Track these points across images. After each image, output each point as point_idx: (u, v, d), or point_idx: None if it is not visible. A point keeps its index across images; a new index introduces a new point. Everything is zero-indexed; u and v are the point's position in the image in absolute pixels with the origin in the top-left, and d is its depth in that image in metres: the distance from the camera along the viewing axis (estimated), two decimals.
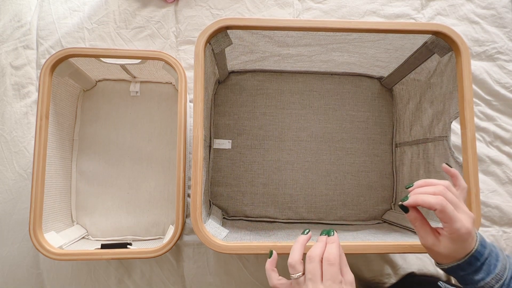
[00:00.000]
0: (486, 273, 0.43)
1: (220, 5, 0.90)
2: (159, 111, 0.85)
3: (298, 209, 0.83)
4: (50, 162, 0.69)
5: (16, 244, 0.80)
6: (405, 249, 0.57)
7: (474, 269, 0.43)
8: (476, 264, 0.43)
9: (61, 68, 0.69)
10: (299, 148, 0.85)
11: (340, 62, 0.79)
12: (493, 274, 0.42)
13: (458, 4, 0.92)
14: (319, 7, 0.91)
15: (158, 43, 0.89)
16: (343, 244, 0.56)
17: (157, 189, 0.83)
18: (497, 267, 0.43)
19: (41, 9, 0.88)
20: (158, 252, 0.64)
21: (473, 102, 0.88)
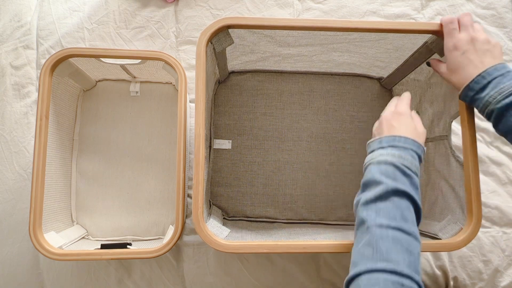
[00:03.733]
0: (491, 89, 0.49)
1: (220, 5, 0.90)
2: (159, 111, 0.85)
3: (298, 209, 0.83)
4: (50, 162, 0.69)
5: (16, 244, 0.80)
6: None
7: (481, 87, 0.49)
8: (483, 82, 0.49)
9: (61, 68, 0.69)
10: (299, 149, 0.85)
11: (340, 62, 0.79)
12: (497, 89, 0.48)
13: (458, 4, 0.92)
14: (319, 7, 0.91)
15: (158, 43, 0.89)
16: (344, 244, 0.56)
17: (157, 189, 0.83)
18: (504, 84, 0.48)
19: (41, 9, 0.88)
20: (158, 252, 0.64)
21: None
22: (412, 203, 0.45)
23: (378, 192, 0.45)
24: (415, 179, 0.47)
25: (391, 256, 0.40)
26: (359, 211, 0.46)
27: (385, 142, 0.51)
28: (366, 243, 0.42)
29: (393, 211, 0.44)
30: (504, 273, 0.82)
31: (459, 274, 0.81)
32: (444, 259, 0.81)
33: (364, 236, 0.43)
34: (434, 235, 0.61)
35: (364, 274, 0.39)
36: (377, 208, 0.44)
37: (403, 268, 0.39)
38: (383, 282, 0.38)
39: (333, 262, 0.81)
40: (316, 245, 0.56)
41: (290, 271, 0.81)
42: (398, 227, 0.42)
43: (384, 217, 0.43)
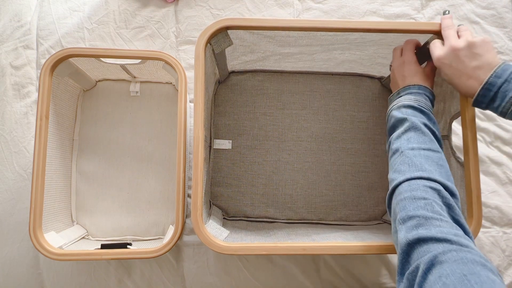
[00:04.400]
0: (501, 99, 0.48)
1: (220, 5, 0.90)
2: (159, 111, 0.85)
3: (298, 209, 0.83)
4: (50, 162, 0.69)
5: (16, 244, 0.80)
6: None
7: (489, 99, 0.49)
8: (490, 95, 0.49)
9: (61, 68, 0.69)
10: (299, 149, 0.85)
11: (341, 61, 0.79)
12: (508, 98, 0.47)
13: (458, 4, 0.92)
14: (319, 7, 0.91)
15: (158, 43, 0.88)
16: (343, 245, 0.55)
17: (157, 189, 0.83)
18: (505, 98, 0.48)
19: (41, 9, 0.88)
20: (158, 252, 0.64)
21: None
22: (432, 133, 0.51)
23: (406, 125, 0.52)
24: (431, 115, 0.54)
25: (425, 167, 0.46)
26: (392, 144, 0.53)
27: (402, 92, 0.57)
28: (401, 163, 0.48)
29: (421, 137, 0.50)
30: (505, 273, 0.82)
31: None
32: None
33: (398, 159, 0.49)
34: None
35: (404, 182, 0.46)
36: (408, 137, 0.51)
37: (436, 176, 0.45)
38: (422, 186, 0.44)
39: (333, 262, 0.81)
40: (315, 247, 0.56)
41: (290, 271, 0.81)
42: (428, 148, 0.49)
43: (415, 142, 0.50)
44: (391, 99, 0.60)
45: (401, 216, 0.42)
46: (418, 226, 0.40)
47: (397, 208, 0.45)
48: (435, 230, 0.39)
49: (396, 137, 0.53)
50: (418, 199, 0.43)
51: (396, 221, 0.44)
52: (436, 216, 0.40)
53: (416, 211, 0.41)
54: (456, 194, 0.46)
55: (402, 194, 0.45)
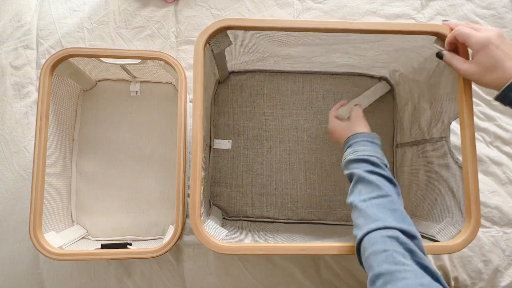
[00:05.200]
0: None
1: (220, 5, 0.90)
2: (159, 111, 0.85)
3: (298, 209, 0.83)
4: (50, 162, 0.69)
5: (16, 244, 0.80)
6: None
7: None
8: None
9: (61, 68, 0.69)
10: (299, 149, 0.85)
11: (340, 64, 0.79)
12: None
13: (458, 4, 0.92)
14: (319, 7, 0.91)
15: (158, 43, 0.88)
16: (343, 246, 0.55)
17: (157, 189, 0.83)
18: None
19: (41, 9, 0.88)
20: (158, 252, 0.64)
21: (473, 102, 0.88)
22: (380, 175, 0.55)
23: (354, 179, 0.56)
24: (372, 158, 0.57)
25: (379, 216, 0.48)
26: (348, 198, 0.56)
27: (344, 147, 0.65)
28: (357, 217, 0.51)
29: (369, 186, 0.54)
30: (505, 273, 0.82)
31: (460, 274, 0.81)
32: (445, 259, 0.81)
33: (355, 214, 0.52)
34: (432, 237, 0.61)
35: (364, 238, 0.47)
36: (358, 190, 0.54)
37: (392, 223, 0.46)
38: (380, 237, 0.45)
39: (333, 262, 0.81)
40: (314, 247, 0.56)
41: (290, 272, 0.81)
42: (377, 195, 0.52)
43: (365, 193, 0.53)
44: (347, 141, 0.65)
45: (370, 277, 0.42)
46: (385, 285, 0.39)
47: (366, 266, 0.45)
48: (401, 284, 0.38)
49: (350, 192, 0.56)
50: (379, 253, 0.43)
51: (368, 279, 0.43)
52: (399, 268, 0.40)
53: (380, 267, 0.41)
54: (415, 235, 0.46)
55: (366, 251, 0.45)
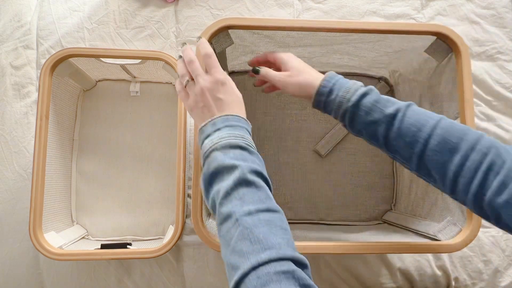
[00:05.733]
0: (338, 90, 0.50)
1: (220, 5, 0.90)
2: (159, 111, 0.85)
3: (298, 209, 0.83)
4: (50, 162, 0.69)
5: (16, 244, 0.80)
6: (405, 249, 0.57)
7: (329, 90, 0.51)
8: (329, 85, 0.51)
9: (61, 68, 0.69)
10: (299, 149, 0.85)
11: (340, 65, 0.79)
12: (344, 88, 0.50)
13: (458, 4, 0.92)
14: (319, 7, 0.91)
15: (158, 43, 0.88)
16: (345, 245, 0.56)
17: (157, 189, 0.83)
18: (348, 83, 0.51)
19: (41, 9, 0.88)
20: (158, 252, 0.64)
21: (473, 103, 0.88)
22: (264, 180, 0.44)
23: (235, 177, 0.41)
24: (259, 155, 0.46)
25: (271, 240, 0.37)
26: (221, 205, 0.41)
27: (219, 123, 0.46)
28: (240, 238, 0.37)
29: (256, 193, 0.41)
30: (505, 273, 0.82)
31: (460, 274, 0.81)
32: (445, 259, 0.81)
33: (234, 231, 0.38)
34: (433, 236, 0.61)
35: (251, 274, 0.34)
36: (240, 195, 0.40)
37: (286, 251, 0.36)
38: (274, 274, 0.34)
39: (333, 262, 0.81)
40: (315, 246, 0.56)
41: None
42: (266, 208, 0.40)
43: (251, 203, 0.40)
44: (204, 130, 0.47)
45: None
46: None
47: None
48: None
49: (224, 194, 0.41)
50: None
51: None
52: None
53: None
54: (305, 263, 0.37)
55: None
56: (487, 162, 0.41)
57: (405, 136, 0.46)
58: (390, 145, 0.49)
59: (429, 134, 0.45)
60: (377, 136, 0.49)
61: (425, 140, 0.45)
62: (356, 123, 0.50)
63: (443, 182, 0.45)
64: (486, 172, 0.41)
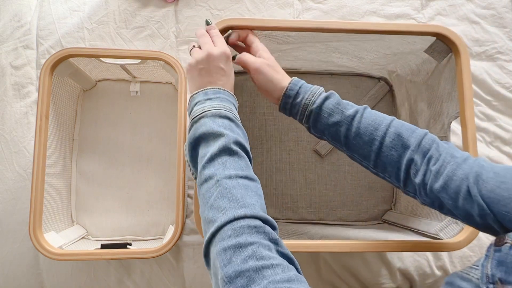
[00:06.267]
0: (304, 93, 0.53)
1: (220, 5, 0.90)
2: (159, 111, 0.85)
3: (298, 209, 0.83)
4: (50, 162, 0.69)
5: (16, 244, 0.80)
6: (406, 248, 0.57)
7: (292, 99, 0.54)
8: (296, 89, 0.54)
9: (61, 68, 0.69)
10: (299, 149, 0.85)
11: (339, 64, 0.79)
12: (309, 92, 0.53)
13: (458, 4, 0.92)
14: (319, 7, 0.91)
15: (158, 43, 0.88)
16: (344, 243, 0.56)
17: (157, 189, 0.83)
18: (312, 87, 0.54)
19: (41, 9, 0.88)
20: (158, 252, 0.64)
21: (473, 102, 0.88)
22: (246, 153, 0.47)
23: (220, 144, 0.45)
24: (244, 130, 0.50)
25: (247, 201, 0.41)
26: (204, 168, 0.45)
27: (211, 94, 0.50)
28: (219, 196, 0.42)
29: (237, 161, 0.45)
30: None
31: None
32: (445, 259, 0.81)
33: (214, 190, 0.43)
34: (435, 235, 0.61)
35: (227, 225, 0.39)
36: (223, 161, 0.44)
37: (259, 212, 0.41)
38: (247, 227, 0.38)
39: (333, 262, 0.81)
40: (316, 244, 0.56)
41: None
42: (245, 175, 0.44)
43: (232, 168, 0.44)
44: (195, 97, 0.51)
45: (227, 273, 0.36)
46: (249, 285, 0.35)
47: (219, 260, 0.37)
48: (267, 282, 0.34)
49: (208, 159, 0.45)
50: (244, 247, 0.37)
51: (219, 279, 0.36)
52: (266, 263, 0.36)
53: (245, 264, 0.35)
54: (275, 225, 0.42)
55: (226, 242, 0.38)
56: (429, 155, 0.46)
57: (364, 135, 0.51)
58: (350, 145, 0.53)
59: (385, 132, 0.49)
60: (338, 136, 0.53)
61: (381, 137, 0.49)
62: (320, 124, 0.53)
63: (397, 175, 0.50)
64: (427, 163, 0.46)
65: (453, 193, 0.43)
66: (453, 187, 0.43)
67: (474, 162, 0.44)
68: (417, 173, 0.47)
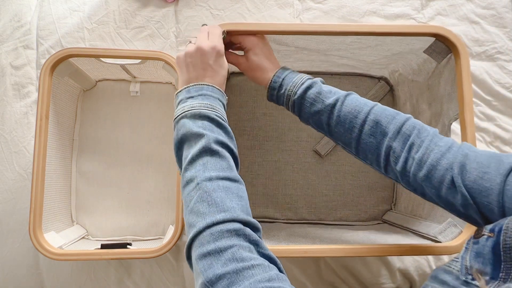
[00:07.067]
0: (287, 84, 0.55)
1: (220, 5, 0.90)
2: (159, 111, 0.85)
3: (298, 209, 0.83)
4: (50, 162, 0.69)
5: (16, 244, 0.80)
6: (405, 252, 0.57)
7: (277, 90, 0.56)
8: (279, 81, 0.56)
9: (61, 68, 0.69)
10: (299, 149, 0.85)
11: (340, 64, 0.79)
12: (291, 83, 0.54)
13: (458, 4, 0.92)
14: (319, 7, 0.91)
15: (158, 43, 0.88)
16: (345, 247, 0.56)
17: (157, 189, 0.83)
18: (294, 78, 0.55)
19: (41, 9, 0.88)
20: (158, 252, 0.64)
21: (473, 103, 0.88)
22: (230, 152, 0.47)
23: (201, 144, 0.45)
24: (227, 128, 0.49)
25: (227, 204, 0.41)
26: (186, 170, 0.45)
27: (193, 91, 0.50)
28: (198, 200, 0.42)
29: (219, 162, 0.44)
30: None
31: None
32: (445, 260, 0.81)
33: (194, 193, 0.43)
34: (433, 238, 0.61)
35: (205, 230, 0.39)
36: (204, 162, 0.44)
37: (239, 214, 0.40)
38: (226, 232, 0.38)
39: (333, 263, 0.81)
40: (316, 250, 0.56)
41: (291, 272, 0.81)
42: (226, 176, 0.44)
43: (213, 169, 0.43)
44: (179, 95, 0.51)
45: (208, 278, 0.36)
46: (230, 286, 0.35)
47: (199, 265, 0.37)
48: (248, 283, 0.34)
49: (189, 160, 0.45)
50: (224, 251, 0.37)
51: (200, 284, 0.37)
52: (246, 264, 0.36)
53: (225, 267, 0.36)
54: (258, 227, 0.42)
55: (205, 247, 0.38)
56: (410, 142, 0.46)
57: (344, 123, 0.51)
58: (333, 132, 0.53)
59: (364, 119, 0.50)
60: (322, 125, 0.54)
61: (360, 125, 0.50)
62: (304, 113, 0.55)
63: (377, 162, 0.50)
64: (408, 151, 0.46)
65: (437, 183, 0.43)
66: (436, 176, 0.43)
67: (458, 150, 0.43)
68: (397, 160, 0.47)
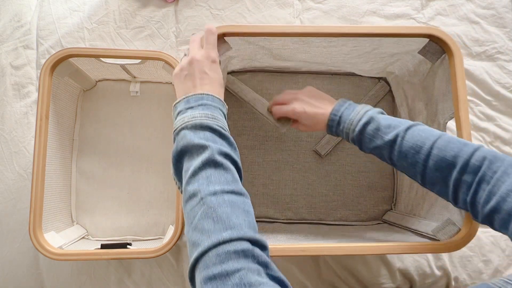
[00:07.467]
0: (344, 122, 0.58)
1: (220, 5, 0.90)
2: (159, 111, 0.85)
3: (298, 209, 0.83)
4: (50, 162, 0.69)
5: (16, 244, 0.80)
6: (405, 250, 0.57)
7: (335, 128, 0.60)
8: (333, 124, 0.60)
9: (61, 68, 0.69)
10: (299, 149, 0.85)
11: (340, 64, 0.80)
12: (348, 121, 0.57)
13: (458, 4, 0.92)
14: (319, 7, 0.91)
15: (158, 43, 0.88)
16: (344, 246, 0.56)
17: (157, 189, 0.83)
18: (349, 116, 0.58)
19: (41, 9, 0.88)
20: (158, 252, 0.64)
21: (473, 102, 0.88)
22: (234, 163, 0.45)
23: (204, 157, 0.43)
24: (230, 138, 0.47)
25: (233, 221, 0.38)
26: (188, 183, 0.42)
27: (193, 101, 0.48)
28: (203, 216, 0.39)
29: (223, 174, 0.42)
30: (505, 273, 0.82)
31: (460, 274, 0.81)
32: (445, 259, 0.81)
33: (198, 209, 0.40)
34: (432, 236, 0.61)
35: (211, 251, 0.36)
36: (207, 175, 0.42)
37: (246, 232, 0.38)
38: (233, 253, 0.36)
39: (333, 262, 0.81)
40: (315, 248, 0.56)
41: (290, 271, 0.81)
42: (231, 190, 0.42)
43: (217, 183, 0.41)
44: (178, 106, 0.49)
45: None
46: None
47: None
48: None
49: (192, 173, 0.42)
50: (231, 275, 0.34)
51: None
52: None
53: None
54: (266, 245, 0.39)
55: (211, 270, 0.35)
56: (480, 174, 0.45)
57: (406, 158, 0.52)
58: (396, 166, 0.55)
59: (427, 155, 0.50)
60: (384, 158, 0.56)
61: (424, 161, 0.50)
62: (364, 147, 0.58)
63: (446, 194, 0.50)
64: (478, 183, 0.45)
65: (506, 214, 0.42)
66: (506, 208, 0.42)
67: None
68: (467, 192, 0.47)
